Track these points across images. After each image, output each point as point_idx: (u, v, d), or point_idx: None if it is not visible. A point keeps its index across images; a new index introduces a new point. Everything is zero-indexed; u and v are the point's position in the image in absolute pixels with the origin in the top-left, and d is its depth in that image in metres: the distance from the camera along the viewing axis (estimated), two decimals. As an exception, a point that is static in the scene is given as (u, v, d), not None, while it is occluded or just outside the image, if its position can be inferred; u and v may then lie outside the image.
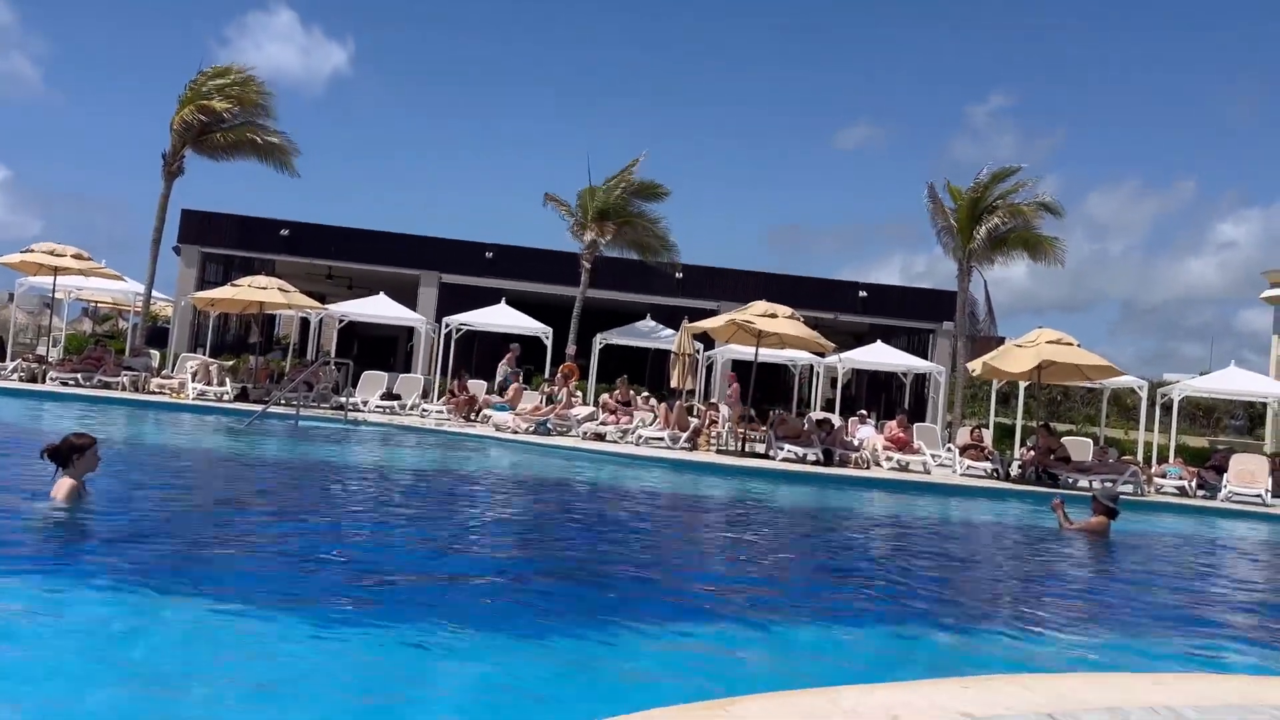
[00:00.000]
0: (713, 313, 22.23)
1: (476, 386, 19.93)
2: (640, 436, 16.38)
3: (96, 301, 34.53)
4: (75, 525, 5.85)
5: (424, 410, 19.17)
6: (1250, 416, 52.02)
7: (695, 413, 18.57)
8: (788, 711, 2.94)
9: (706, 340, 21.83)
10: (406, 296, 25.30)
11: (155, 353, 22.13)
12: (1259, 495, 15.96)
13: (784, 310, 16.24)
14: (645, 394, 19.64)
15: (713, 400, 21.51)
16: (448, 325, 22.27)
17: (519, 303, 23.56)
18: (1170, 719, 3.14)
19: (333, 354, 28.41)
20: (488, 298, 23.99)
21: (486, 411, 18.12)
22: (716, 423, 17.92)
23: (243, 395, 18.43)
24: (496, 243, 28.47)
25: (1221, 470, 17.17)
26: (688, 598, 5.80)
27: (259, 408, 16.27)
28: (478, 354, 26.22)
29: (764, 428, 17.09)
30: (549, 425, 17.00)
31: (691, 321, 18.60)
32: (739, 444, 16.77)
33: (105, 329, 38.79)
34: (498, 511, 9.27)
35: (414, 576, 5.65)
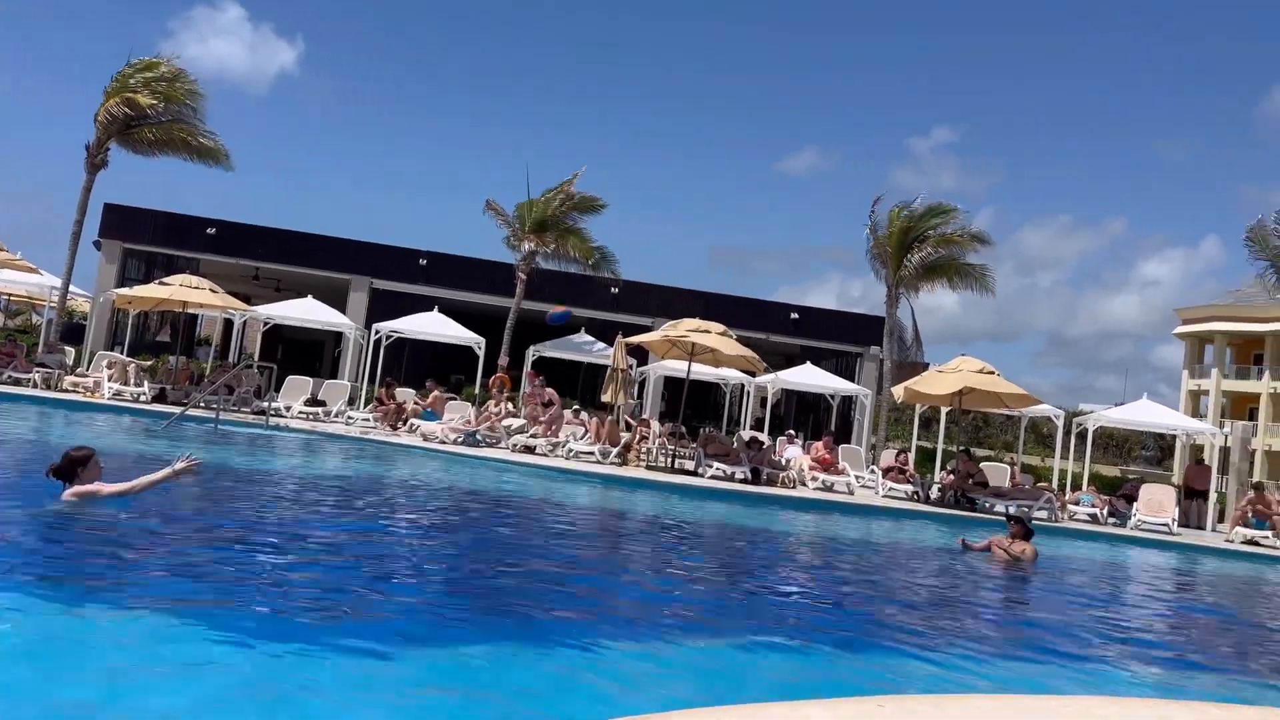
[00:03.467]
0: (648, 328, 22.33)
1: (405, 394, 19.64)
2: (571, 450, 16.33)
3: (9, 295, 33.19)
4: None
5: (349, 418, 18.82)
6: (1160, 448, 54.15)
7: (629, 428, 18.59)
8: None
9: (640, 356, 21.90)
10: (336, 301, 24.85)
11: (70, 350, 21.33)
12: (1166, 524, 16.58)
13: (716, 328, 16.39)
14: (576, 407, 19.60)
15: (644, 416, 21.57)
16: (377, 331, 21.93)
17: (452, 311, 23.32)
18: (1075, 739, 3.23)
19: (256, 357, 27.73)
20: (420, 305, 23.71)
21: (414, 421, 17.87)
22: (647, 438, 17.97)
23: (161, 397, 17.87)
24: (431, 250, 28.20)
25: (1132, 499, 17.81)
26: (610, 614, 5.79)
27: (177, 410, 15.79)
28: (408, 362, 25.88)
29: (693, 445, 17.19)
30: (479, 436, 16.84)
31: (627, 336, 18.65)
32: (668, 460, 16.83)
33: (18, 324, 37.28)
34: (420, 523, 9.14)
35: (325, 588, 5.53)
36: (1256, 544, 15.88)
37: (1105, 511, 17.43)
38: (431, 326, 22.01)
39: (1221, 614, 10.30)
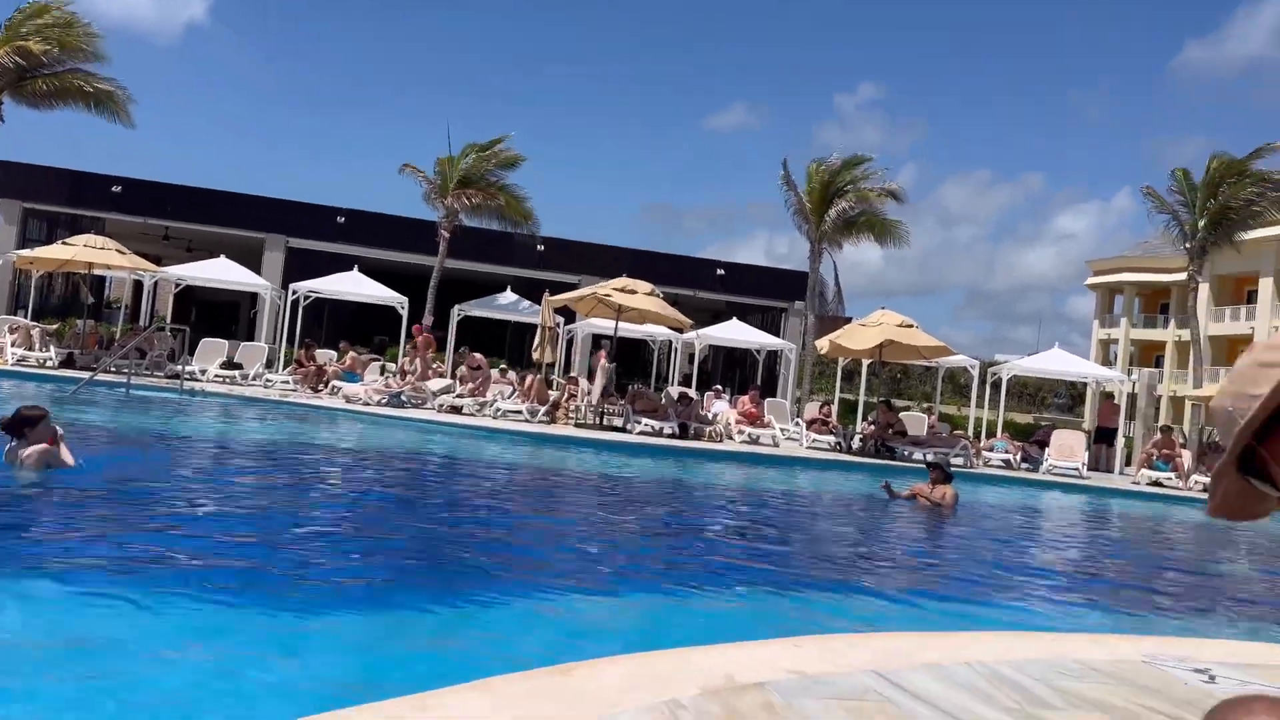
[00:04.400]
0: (574, 286, 22.23)
1: (325, 356, 19.25)
2: (498, 409, 16.24)
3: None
4: None
5: (268, 381, 18.38)
6: (1072, 396, 56.22)
7: (554, 386, 18.55)
8: (628, 671, 2.99)
9: (567, 314, 21.80)
10: (251, 261, 24.12)
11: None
12: (1075, 468, 17.28)
13: (644, 286, 16.40)
14: (503, 366, 19.47)
15: (572, 374, 21.54)
16: (295, 292, 21.38)
17: (373, 270, 22.85)
18: (985, 673, 3.36)
19: (168, 320, 26.81)
20: (339, 264, 23.16)
21: (336, 383, 17.54)
22: (575, 396, 17.97)
23: (68, 362, 17.19)
24: (350, 208, 27.51)
25: (1044, 445, 18.51)
26: (540, 567, 5.81)
27: (86, 375, 15.21)
28: (328, 323, 25.33)
29: (622, 402, 17.24)
30: (403, 397, 16.62)
31: (553, 294, 18.52)
32: (597, 418, 16.87)
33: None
34: (346, 484, 9.01)
35: (249, 553, 5.42)
36: (1161, 485, 16.67)
37: (1018, 457, 18.08)
38: (351, 286, 21.54)
39: (1127, 551, 10.81)
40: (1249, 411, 1.28)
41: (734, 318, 25.15)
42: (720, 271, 29.69)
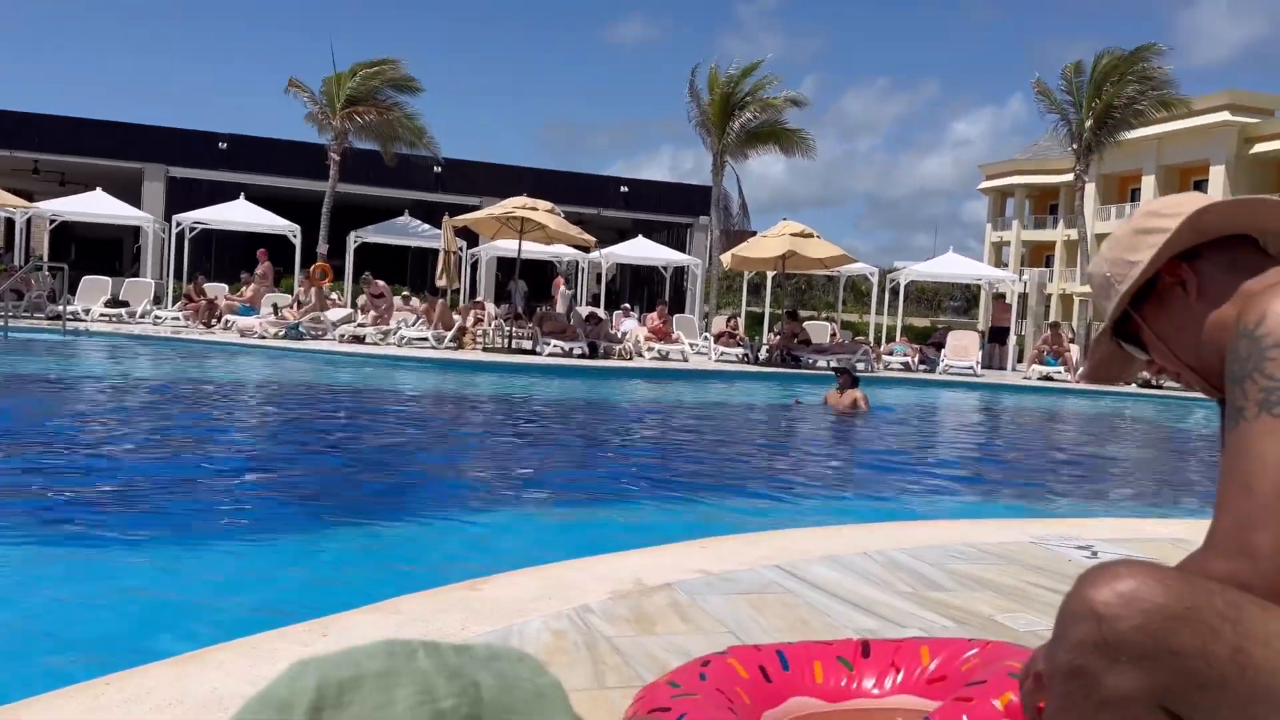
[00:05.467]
0: (475, 208, 21.74)
1: (216, 289, 18.51)
2: (403, 338, 15.94)
3: None
4: None
5: (157, 317, 17.62)
6: (966, 298, 58.09)
7: (459, 310, 18.27)
8: (538, 582, 3.00)
9: (470, 237, 21.37)
10: (130, 194, 22.85)
11: None
12: (970, 367, 17.96)
13: (544, 205, 16.12)
14: (406, 293, 19.06)
15: (478, 298, 21.25)
16: (179, 224, 20.39)
17: (261, 199, 21.91)
18: (882, 561, 3.49)
19: (45, 258, 25.32)
20: (224, 193, 22.11)
21: (229, 317, 16.91)
22: (482, 320, 17.75)
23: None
24: (232, 133, 26.19)
25: (940, 346, 19.15)
26: (451, 490, 5.79)
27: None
28: (216, 255, 24.29)
29: (530, 324, 17.11)
30: (301, 329, 16.15)
31: (453, 217, 18.09)
32: (505, 341, 16.72)
33: None
34: (245, 419, 8.75)
35: (154, 491, 5.24)
36: (1051, 379, 17.47)
37: (917, 359, 18.69)
38: (239, 215, 20.62)
39: (1019, 442, 11.35)
40: (1127, 278, 1.31)
41: (640, 235, 25.06)
42: (624, 189, 29.45)
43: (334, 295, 20.36)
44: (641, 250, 23.78)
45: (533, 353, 15.94)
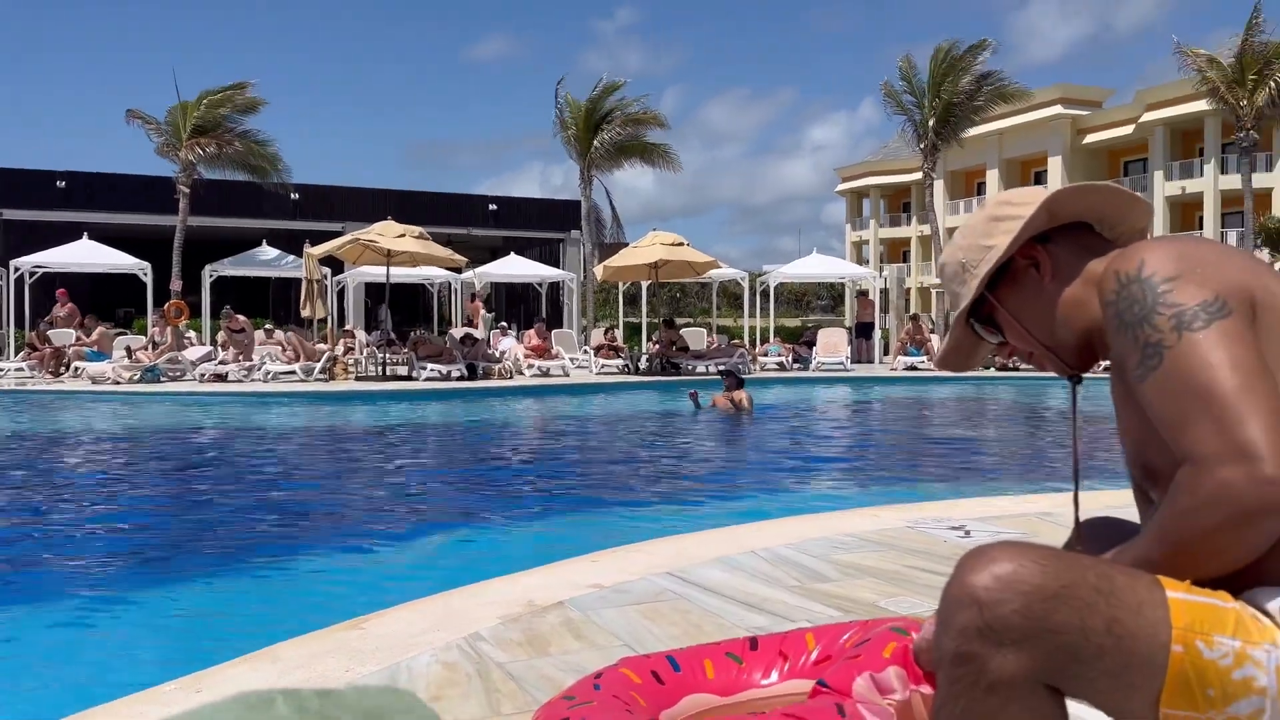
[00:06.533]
0: (338, 233, 21.13)
1: (62, 336, 17.39)
2: (268, 373, 15.33)
3: None
4: None
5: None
6: (832, 296, 60.01)
7: (329, 341, 17.73)
8: (426, 614, 2.92)
9: (335, 264, 20.77)
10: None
11: None
12: (840, 363, 18.57)
13: (411, 229, 15.81)
14: (269, 326, 18.36)
15: (347, 327, 20.67)
16: (18, 269, 19.08)
17: (107, 237, 20.72)
18: (769, 558, 3.55)
19: None
20: (66, 234, 20.81)
21: (78, 364, 15.92)
22: (353, 349, 17.27)
23: None
24: (70, 170, 24.70)
25: (812, 345, 19.74)
26: (331, 527, 5.58)
27: None
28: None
29: (404, 350, 16.73)
30: (159, 371, 15.34)
31: (314, 245, 17.54)
32: (379, 369, 16.30)
33: None
34: (104, 469, 8.23)
35: (10, 550, 4.86)
36: (915, 369, 18.22)
37: (790, 358, 19.21)
38: (83, 256, 19.46)
39: (891, 431, 11.78)
40: (984, 261, 1.37)
41: (512, 253, 24.88)
42: (493, 207, 29.20)
43: (191, 334, 19.45)
44: (514, 268, 23.61)
45: (409, 378, 15.59)
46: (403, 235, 15.56)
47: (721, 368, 14.35)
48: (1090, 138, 44.52)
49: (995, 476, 7.51)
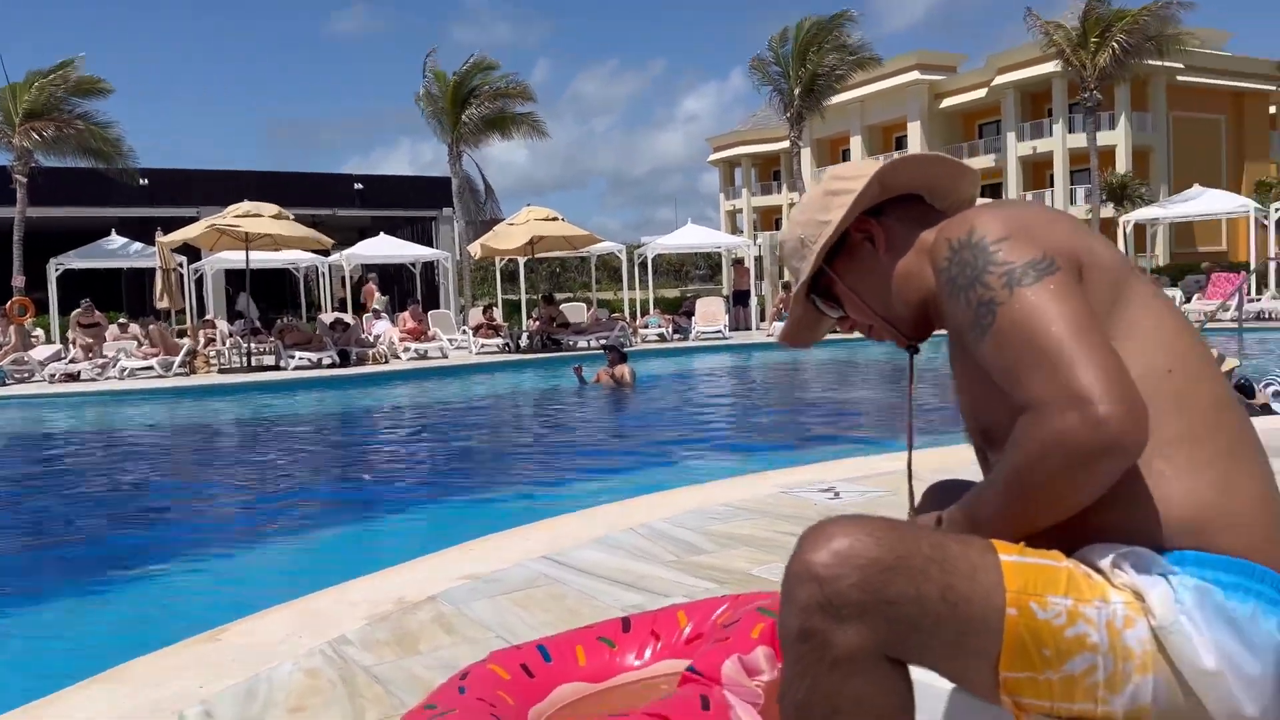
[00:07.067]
0: (193, 220, 20.06)
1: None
2: (124, 369, 14.48)
3: None
4: None
5: None
6: (710, 266, 60.75)
7: (188, 333, 16.87)
8: (288, 619, 2.79)
9: (192, 252, 19.74)
10: None
11: None
12: (719, 331, 18.83)
13: (269, 209, 15.11)
14: (123, 320, 17.33)
15: (208, 317, 19.72)
16: None
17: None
18: (646, 533, 3.55)
19: None
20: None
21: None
22: (215, 340, 16.49)
23: None
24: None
25: (691, 315, 19.93)
26: (190, 532, 5.30)
27: None
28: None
29: (271, 338, 16.06)
30: (2, 374, 14.30)
31: (167, 233, 16.59)
32: (244, 359, 15.61)
33: None
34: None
35: None
36: (790, 333, 18.62)
37: (670, 329, 19.36)
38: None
39: (770, 396, 12.01)
40: (821, 236, 1.36)
41: (381, 233, 24.13)
42: (359, 186, 28.24)
43: (39, 332, 18.19)
44: (385, 248, 22.86)
45: (277, 368, 14.99)
46: (260, 216, 14.83)
47: (603, 342, 14.36)
48: (946, 102, 46.23)
49: (867, 437, 7.74)
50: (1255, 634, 1.05)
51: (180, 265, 18.78)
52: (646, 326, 19.48)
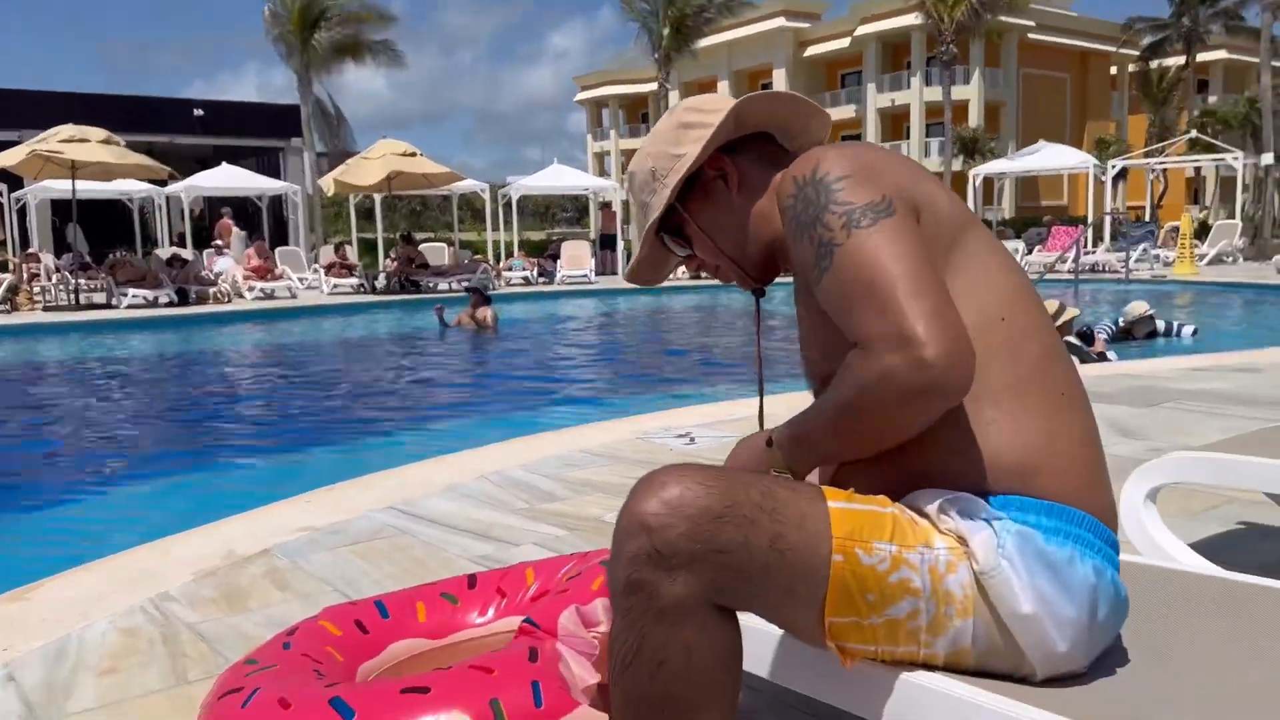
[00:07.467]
0: (14, 144, 18.33)
1: None
2: (-69, 305, 13.21)
3: None
4: None
5: None
6: (577, 209, 60.39)
7: (9, 267, 15.52)
8: (106, 576, 2.58)
9: (11, 180, 18.07)
10: None
11: None
12: (585, 275, 18.72)
13: (97, 134, 13.94)
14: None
15: (31, 250, 18.20)
16: None
17: None
18: (499, 481, 3.47)
19: None
20: None
21: None
22: (39, 275, 15.25)
23: None
24: None
25: (556, 258, 19.71)
26: (6, 482, 4.88)
27: None
28: None
29: (102, 274, 14.96)
30: None
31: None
32: (72, 297, 14.49)
33: None
34: None
35: None
36: (653, 278, 18.69)
37: (535, 272, 19.12)
38: None
39: (632, 342, 12.04)
40: (674, 171, 1.29)
41: (224, 163, 22.68)
42: (199, 112, 26.37)
43: None
44: (228, 179, 21.46)
45: (109, 306, 13.99)
46: (87, 141, 13.66)
47: (466, 284, 14.04)
48: (810, 50, 46.96)
49: (726, 381, 7.85)
50: (1072, 577, 1.09)
51: (0, 193, 17.18)
52: (511, 269, 19.18)
